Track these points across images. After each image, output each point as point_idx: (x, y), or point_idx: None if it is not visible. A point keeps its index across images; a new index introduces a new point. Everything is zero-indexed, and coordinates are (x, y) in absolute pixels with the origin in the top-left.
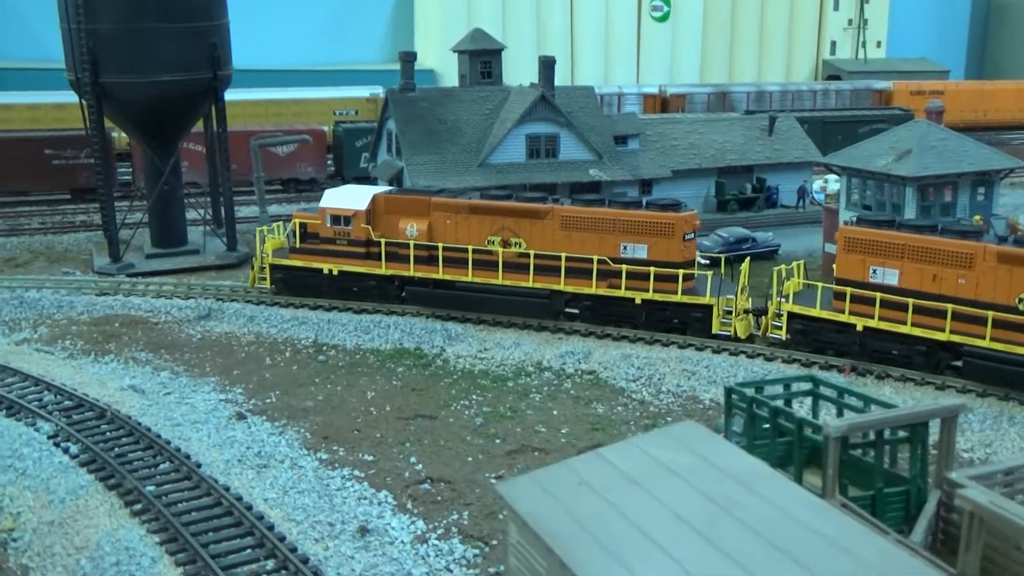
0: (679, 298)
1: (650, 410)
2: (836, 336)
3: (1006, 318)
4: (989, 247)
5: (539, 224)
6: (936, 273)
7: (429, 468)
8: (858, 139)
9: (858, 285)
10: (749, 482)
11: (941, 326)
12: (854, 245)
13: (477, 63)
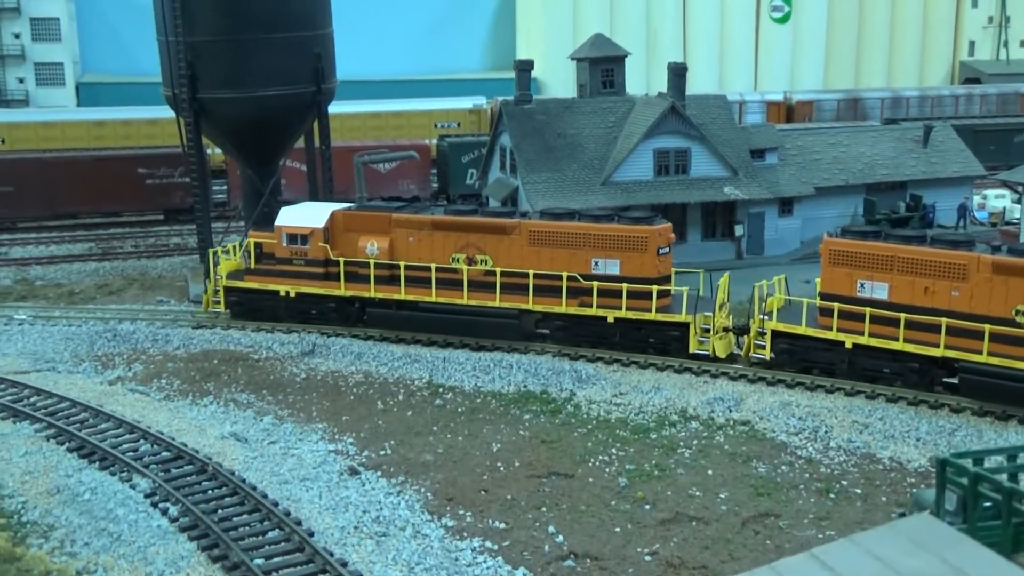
0: (654, 316)
1: (820, 471)
2: (824, 355)
3: (1003, 331)
4: (983, 257)
5: (506, 240)
6: (928, 286)
7: (571, 540)
8: (1013, 149)
9: (846, 300)
10: None
11: (935, 341)
12: (840, 258)
13: (598, 71)
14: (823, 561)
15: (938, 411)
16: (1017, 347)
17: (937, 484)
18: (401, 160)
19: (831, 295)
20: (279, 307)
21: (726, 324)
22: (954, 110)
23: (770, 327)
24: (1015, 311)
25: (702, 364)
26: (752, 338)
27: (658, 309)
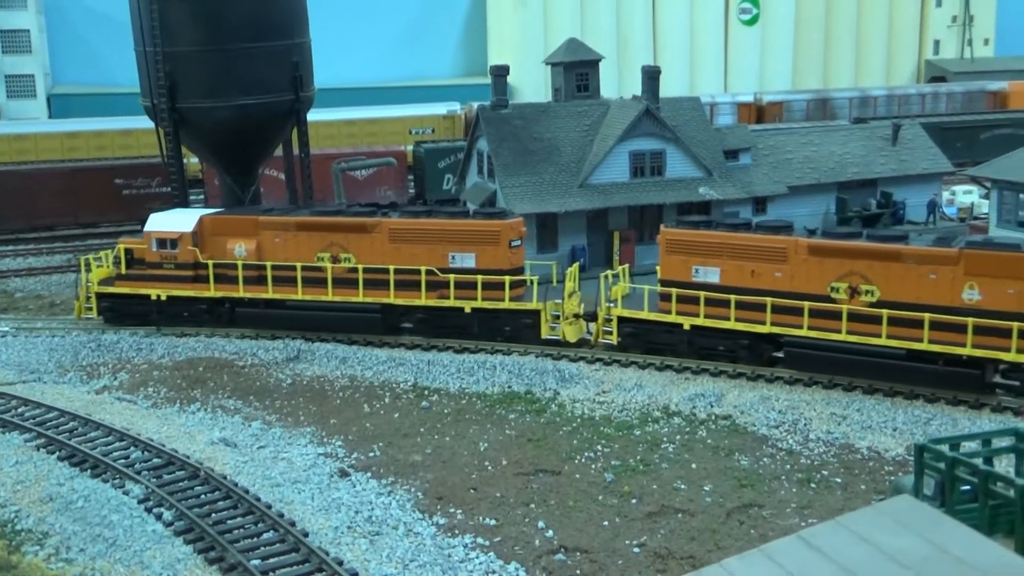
0: (507, 305)
1: (801, 462)
2: (665, 336)
3: (820, 307)
4: (800, 241)
5: (367, 238)
6: (754, 269)
7: (561, 534)
8: (979, 146)
9: (682, 285)
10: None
11: (762, 319)
12: (676, 247)
13: (573, 76)
14: (810, 543)
15: (913, 401)
16: (833, 320)
17: (916, 470)
18: (379, 167)
19: (670, 281)
20: (151, 311)
21: (576, 311)
22: (921, 108)
23: (616, 313)
24: (830, 288)
25: (683, 361)
26: (600, 324)
27: (512, 298)
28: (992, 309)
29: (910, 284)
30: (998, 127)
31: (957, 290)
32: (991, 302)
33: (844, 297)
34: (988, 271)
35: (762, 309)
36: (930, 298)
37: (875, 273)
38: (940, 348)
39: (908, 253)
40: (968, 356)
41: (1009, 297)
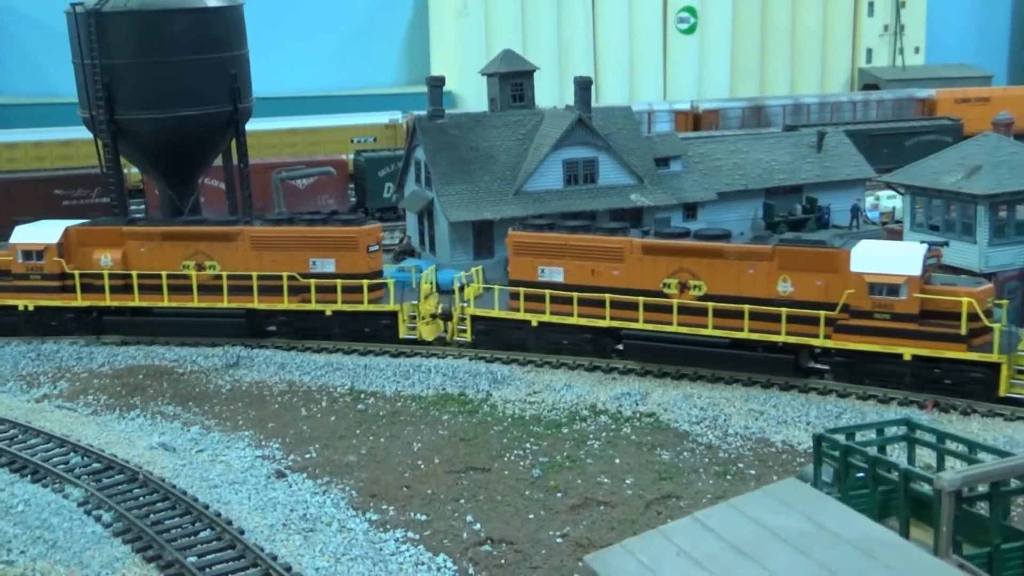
0: (366, 307)
1: (719, 455)
2: (515, 332)
3: (654, 301)
4: (634, 241)
5: (231, 246)
6: (594, 268)
7: (488, 527)
8: (905, 152)
9: (529, 284)
10: (871, 549)
11: (602, 315)
12: (523, 248)
13: (508, 86)
14: (703, 522)
15: (826, 397)
16: (665, 313)
17: (815, 459)
18: (319, 176)
19: (518, 281)
20: (18, 321)
21: (433, 311)
22: (852, 115)
23: (469, 312)
24: (662, 284)
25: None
26: (455, 323)
27: (371, 301)
28: (803, 300)
29: (732, 279)
30: (923, 134)
31: (772, 283)
32: (802, 293)
33: (675, 292)
34: (798, 265)
35: (602, 305)
36: (750, 291)
37: (701, 269)
38: (759, 336)
39: (729, 251)
40: (783, 343)
41: (817, 288)
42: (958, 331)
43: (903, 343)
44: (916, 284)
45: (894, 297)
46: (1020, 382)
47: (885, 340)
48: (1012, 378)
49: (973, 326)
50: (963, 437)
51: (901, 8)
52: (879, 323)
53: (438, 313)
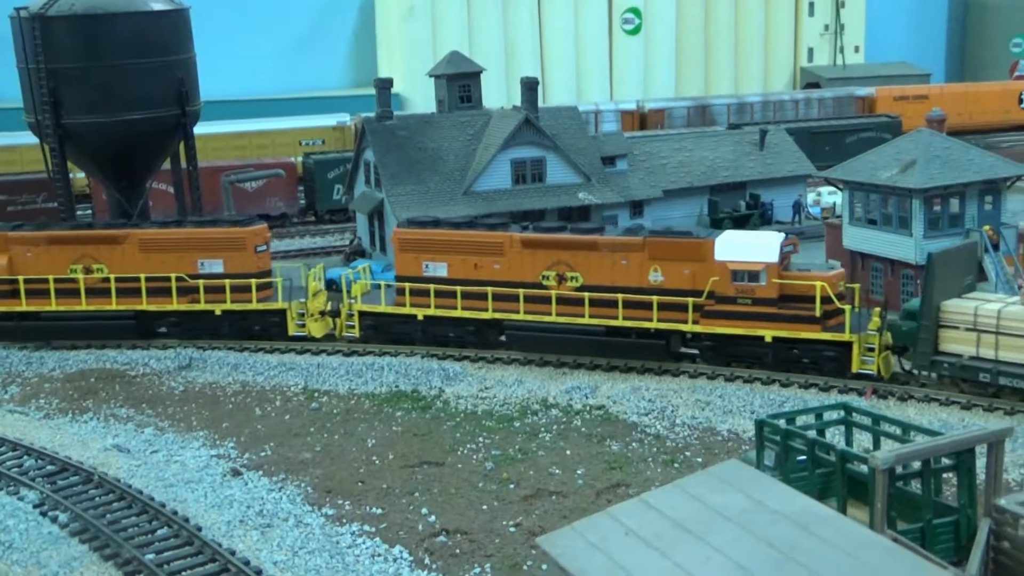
0: (254, 306)
1: (667, 445)
2: (403, 327)
3: (534, 293)
4: (514, 236)
5: (118, 249)
6: (477, 262)
7: (443, 519)
8: (846, 149)
9: (415, 280)
10: (807, 523)
11: (485, 307)
12: (408, 245)
13: (455, 87)
14: (649, 503)
15: (770, 386)
16: (545, 304)
17: (757, 443)
18: (268, 178)
19: (404, 276)
20: None
21: (322, 308)
22: (795, 114)
23: (357, 309)
24: (541, 276)
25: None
26: (343, 319)
27: (260, 300)
28: (672, 288)
29: (606, 270)
30: (863, 131)
31: (644, 273)
32: (671, 282)
33: (553, 284)
34: (667, 255)
35: (485, 298)
36: (623, 281)
37: (578, 261)
38: (632, 323)
39: (603, 243)
40: (655, 329)
41: (685, 277)
42: (813, 313)
43: (764, 326)
44: (774, 270)
45: (755, 283)
46: (870, 359)
47: (748, 324)
48: (863, 355)
49: (827, 308)
50: (897, 419)
51: (841, 8)
52: (742, 308)
53: (327, 310)
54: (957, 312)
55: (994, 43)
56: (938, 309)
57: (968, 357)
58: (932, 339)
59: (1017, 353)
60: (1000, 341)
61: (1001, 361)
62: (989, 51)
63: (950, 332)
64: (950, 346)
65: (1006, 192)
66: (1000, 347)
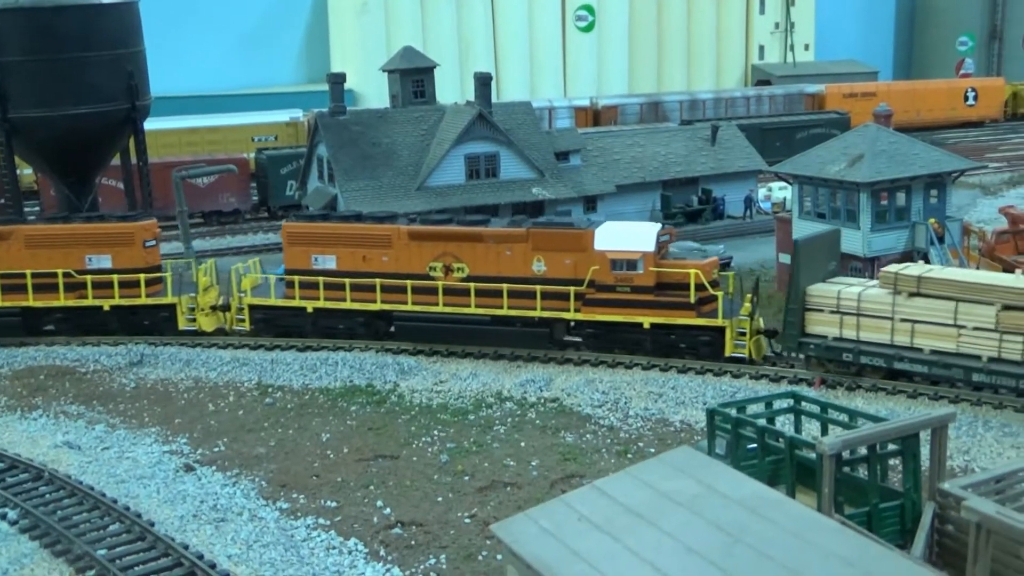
0: (144, 301)
1: (620, 436)
2: (293, 320)
3: (422, 284)
4: (401, 228)
5: (3, 245)
6: (365, 255)
7: (398, 511)
8: (796, 145)
9: (304, 273)
10: (756, 507)
11: (374, 299)
12: (296, 239)
13: (409, 82)
14: (602, 490)
15: (721, 378)
16: (432, 295)
17: (708, 432)
18: (220, 174)
19: (293, 270)
20: None
21: (213, 303)
22: (746, 110)
23: (246, 302)
24: (428, 267)
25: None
26: (233, 313)
27: (149, 295)
28: (555, 277)
29: (491, 260)
30: (813, 127)
31: (527, 263)
32: (554, 271)
33: (440, 275)
34: (549, 246)
35: (373, 290)
36: (508, 271)
37: (463, 252)
38: (517, 312)
39: (488, 234)
40: (539, 317)
41: (567, 267)
42: (688, 300)
43: (642, 313)
44: (651, 259)
45: (633, 272)
46: (742, 343)
47: (627, 311)
48: (735, 340)
49: (701, 295)
50: (844, 407)
51: (791, 6)
52: (621, 296)
53: (218, 304)
54: (821, 296)
55: (941, 42)
56: (804, 293)
57: (832, 338)
58: (799, 322)
59: (876, 333)
60: (861, 322)
61: (862, 341)
62: (936, 49)
63: (815, 315)
64: (816, 328)
65: (951, 186)
66: (861, 328)
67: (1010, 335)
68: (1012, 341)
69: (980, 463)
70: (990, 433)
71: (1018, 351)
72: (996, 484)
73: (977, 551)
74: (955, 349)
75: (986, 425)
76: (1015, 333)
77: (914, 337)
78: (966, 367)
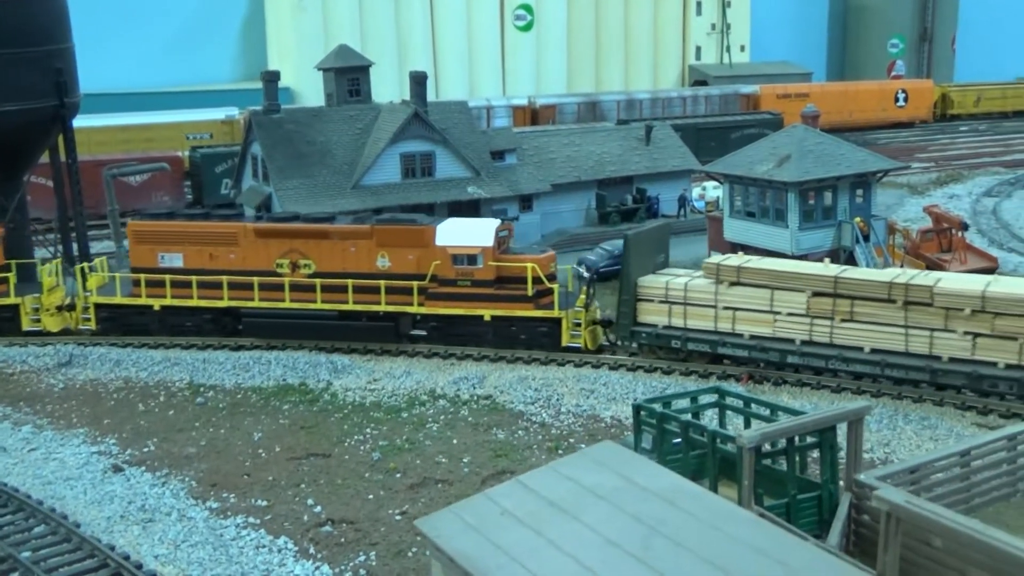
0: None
1: (552, 432)
2: (140, 318)
3: (268, 280)
4: (247, 226)
5: None
6: (212, 252)
7: (329, 509)
8: (731, 144)
9: (150, 271)
10: (674, 499)
11: (221, 296)
12: (142, 237)
13: (344, 81)
14: (526, 484)
15: (652, 374)
16: (279, 292)
17: (634, 427)
18: (152, 172)
19: (140, 268)
20: None
21: (60, 303)
22: (683, 110)
23: (92, 301)
24: (275, 264)
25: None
26: (79, 312)
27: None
28: (399, 272)
29: (337, 257)
30: (747, 127)
31: (372, 259)
32: (398, 267)
33: (287, 271)
34: (393, 242)
35: (220, 287)
36: (353, 267)
37: (310, 249)
38: (363, 307)
39: (334, 231)
40: (384, 312)
41: (410, 262)
42: (525, 293)
43: (483, 306)
44: (490, 253)
45: (473, 266)
46: (577, 333)
47: (469, 304)
48: (571, 330)
49: (539, 288)
50: (765, 401)
51: (727, 8)
52: (463, 289)
53: (64, 304)
54: (651, 287)
55: (873, 44)
56: (635, 285)
57: (662, 326)
58: (631, 312)
59: (701, 321)
60: (688, 311)
61: (689, 328)
62: (868, 51)
63: (646, 305)
64: (647, 317)
65: (876, 185)
66: (688, 316)
67: (820, 319)
68: (821, 325)
69: (899, 455)
70: (910, 426)
71: (827, 334)
72: (911, 475)
73: (887, 539)
74: (772, 334)
75: (906, 418)
76: (824, 317)
77: (735, 323)
78: (781, 350)
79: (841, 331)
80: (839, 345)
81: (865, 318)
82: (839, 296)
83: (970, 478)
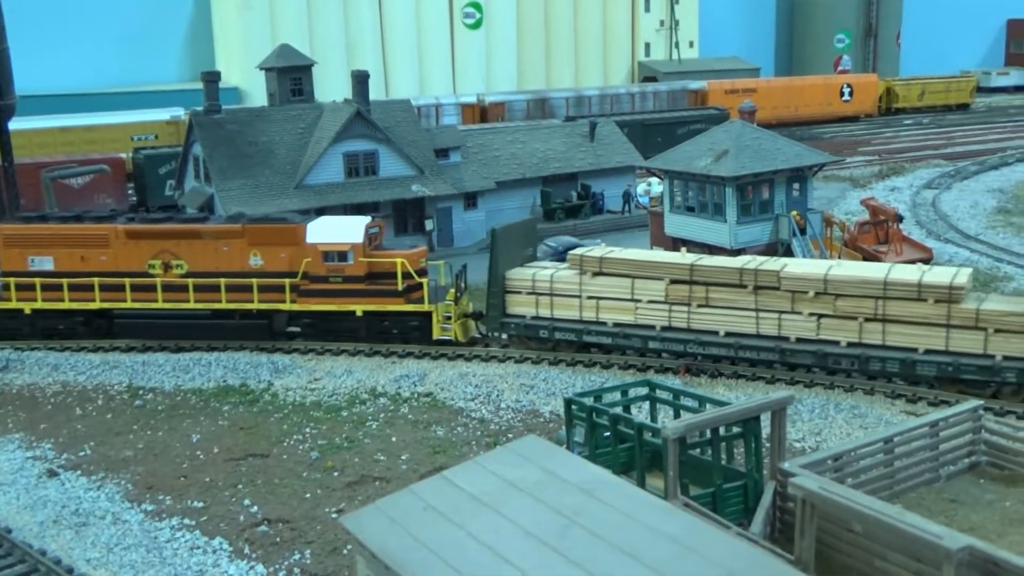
0: None
1: (491, 428)
2: (10, 323)
3: (140, 282)
4: (118, 227)
5: None
6: (83, 255)
7: (265, 509)
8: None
9: (20, 275)
10: (593, 490)
11: (92, 298)
12: (13, 241)
13: (287, 80)
14: (450, 479)
15: (591, 368)
16: (151, 292)
17: (566, 421)
18: (92, 174)
19: (9, 272)
20: None
21: None
22: (631, 106)
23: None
24: (148, 265)
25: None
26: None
27: None
28: (271, 271)
29: (210, 256)
30: (693, 123)
31: (245, 258)
32: (270, 265)
33: (160, 272)
34: (265, 240)
35: (92, 289)
36: (226, 266)
37: (182, 249)
38: (236, 306)
39: (205, 231)
40: (257, 310)
41: (282, 260)
42: (396, 287)
43: (355, 301)
44: (360, 250)
45: (344, 263)
46: (448, 326)
47: (341, 300)
48: (441, 323)
49: (409, 283)
50: (694, 392)
51: (675, 4)
52: (334, 286)
53: None
54: (519, 279)
55: (819, 39)
56: (503, 278)
57: (530, 317)
58: (501, 304)
59: (567, 311)
60: (554, 301)
61: (556, 318)
62: (815, 47)
63: (515, 297)
64: (516, 309)
65: (812, 179)
66: (554, 307)
67: (677, 306)
68: (679, 311)
69: (830, 443)
70: (840, 415)
71: (684, 320)
72: (834, 462)
73: (803, 525)
74: (633, 321)
75: (837, 407)
76: (681, 304)
77: (599, 312)
78: (643, 336)
79: (698, 316)
80: (696, 330)
81: (720, 303)
82: (695, 283)
83: (893, 464)
